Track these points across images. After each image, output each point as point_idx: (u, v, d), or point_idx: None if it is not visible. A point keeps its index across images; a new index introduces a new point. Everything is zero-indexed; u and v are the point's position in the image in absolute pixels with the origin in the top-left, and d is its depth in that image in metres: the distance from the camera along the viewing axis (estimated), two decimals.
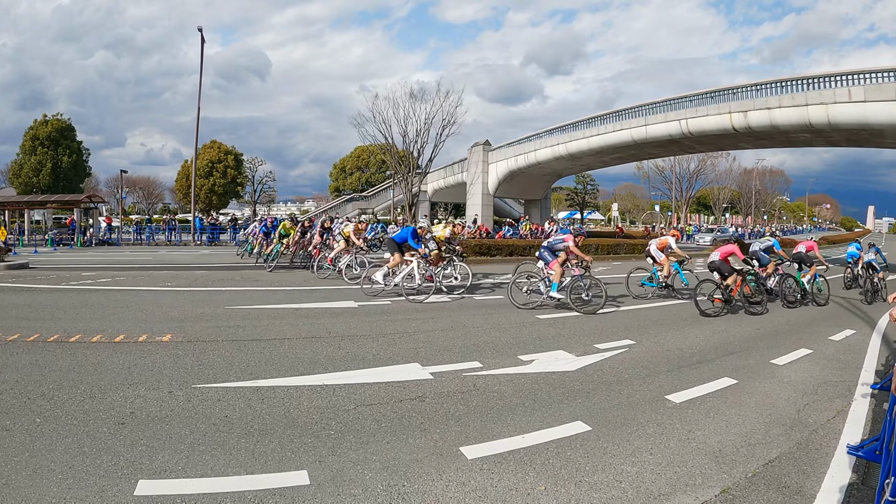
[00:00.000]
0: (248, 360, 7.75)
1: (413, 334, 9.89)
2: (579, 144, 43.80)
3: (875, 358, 9.44)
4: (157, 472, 4.34)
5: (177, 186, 75.92)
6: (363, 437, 5.23)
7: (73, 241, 34.98)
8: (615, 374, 7.78)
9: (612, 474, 4.68)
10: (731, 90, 34.40)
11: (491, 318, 11.73)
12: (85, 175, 66.42)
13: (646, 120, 38.69)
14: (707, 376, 7.79)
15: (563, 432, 5.53)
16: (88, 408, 5.67)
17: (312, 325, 10.27)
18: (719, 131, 35.05)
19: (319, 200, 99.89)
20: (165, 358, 7.68)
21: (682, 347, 9.62)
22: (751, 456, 5.15)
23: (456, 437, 5.30)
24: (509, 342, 9.50)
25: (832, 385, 7.67)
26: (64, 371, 6.89)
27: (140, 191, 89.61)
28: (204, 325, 9.98)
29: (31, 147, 60.06)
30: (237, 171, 72.43)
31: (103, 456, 4.56)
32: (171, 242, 38.23)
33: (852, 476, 4.82)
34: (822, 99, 29.46)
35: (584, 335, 10.28)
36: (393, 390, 6.71)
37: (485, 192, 52.21)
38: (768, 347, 9.86)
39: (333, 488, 4.24)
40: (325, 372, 7.28)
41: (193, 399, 6.09)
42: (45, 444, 4.74)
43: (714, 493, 4.42)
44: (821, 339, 10.76)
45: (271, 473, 4.41)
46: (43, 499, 3.89)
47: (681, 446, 5.32)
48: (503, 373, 7.61)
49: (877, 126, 27.90)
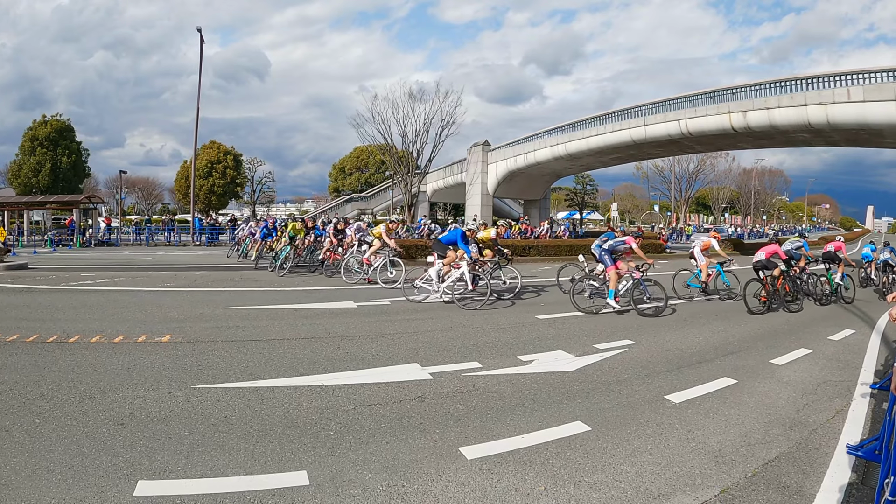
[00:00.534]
0: (247, 360, 7.75)
1: (412, 334, 9.89)
2: (578, 145, 43.83)
3: (875, 357, 9.44)
4: (156, 473, 4.34)
5: (176, 187, 75.85)
6: (363, 437, 5.23)
7: (73, 242, 34.95)
8: (615, 375, 7.78)
9: (611, 474, 4.68)
10: (731, 90, 34.42)
11: (490, 318, 11.72)
12: (84, 175, 66.42)
13: (645, 120, 38.72)
14: (706, 376, 7.79)
15: (563, 432, 5.53)
16: (88, 408, 5.67)
17: (312, 326, 10.27)
18: (718, 131, 35.09)
19: (319, 201, 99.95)
20: (165, 358, 7.68)
21: (681, 347, 9.62)
22: (750, 456, 5.15)
23: (455, 438, 5.30)
24: (509, 342, 9.50)
25: (832, 385, 7.67)
26: (63, 372, 6.89)
27: (139, 191, 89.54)
28: (203, 325, 9.98)
29: (30, 147, 60.04)
30: (236, 172, 72.38)
31: (102, 456, 4.56)
32: (170, 243, 38.22)
33: (852, 476, 4.81)
34: (821, 99, 29.48)
35: (584, 335, 10.27)
36: (392, 391, 6.70)
37: (484, 192, 52.24)
38: (768, 347, 9.86)
39: (333, 489, 4.24)
40: (324, 372, 7.28)
41: (193, 399, 6.09)
42: (44, 444, 4.74)
43: (714, 493, 4.42)
44: (820, 339, 10.75)
45: (271, 474, 4.41)
46: (42, 499, 3.89)
47: (680, 446, 5.32)
48: (503, 373, 7.61)
49: (876, 126, 27.92)
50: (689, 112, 36.09)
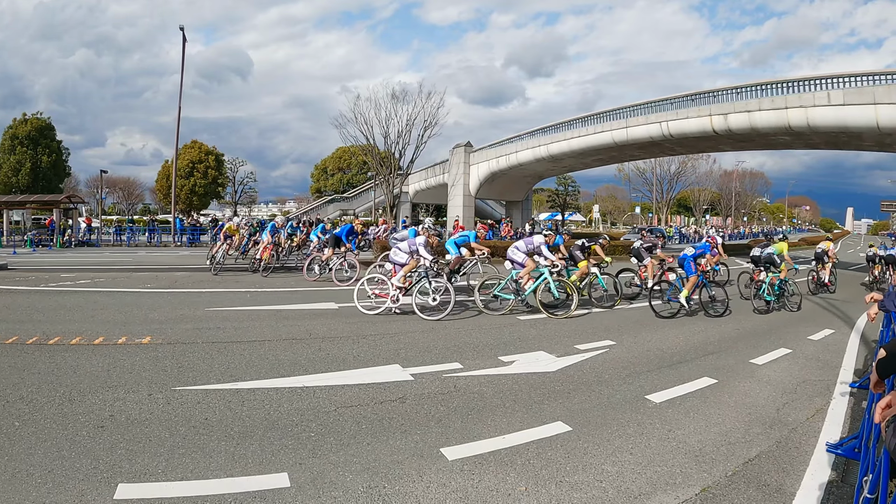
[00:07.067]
0: (228, 362, 7.72)
1: (394, 336, 9.88)
2: (560, 146, 43.86)
3: (854, 357, 9.55)
4: (136, 476, 4.32)
5: (157, 187, 75.19)
6: (344, 438, 5.22)
7: (53, 242, 34.57)
8: (596, 375, 7.82)
9: (592, 474, 4.70)
10: (712, 93, 34.60)
11: (471, 319, 11.73)
12: (64, 175, 65.72)
13: (627, 122, 38.81)
14: (687, 376, 7.85)
15: (544, 433, 5.56)
16: (67, 411, 5.63)
17: (293, 327, 10.24)
18: (700, 133, 35.24)
19: (301, 201, 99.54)
20: (145, 360, 7.63)
21: (662, 348, 9.68)
22: (731, 455, 5.20)
23: (437, 439, 5.31)
24: (490, 343, 9.52)
25: (811, 384, 7.75)
26: (43, 374, 6.83)
27: (120, 191, 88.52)
28: (184, 326, 9.92)
29: (10, 146, 59.30)
30: (218, 172, 71.91)
31: (83, 459, 4.52)
32: (151, 243, 37.91)
33: (832, 474, 4.87)
34: (801, 102, 29.67)
35: (565, 336, 10.31)
36: (373, 392, 6.70)
37: (466, 193, 52.16)
38: (748, 347, 9.95)
39: (314, 490, 4.23)
40: (305, 374, 7.27)
41: (173, 402, 6.05)
42: (23, 447, 4.70)
43: (694, 492, 4.46)
44: (800, 339, 10.86)
45: (252, 476, 4.40)
46: (22, 503, 3.85)
47: (661, 446, 5.36)
48: (484, 374, 7.63)
49: (856, 129, 28.13)
50: (670, 114, 36.21)
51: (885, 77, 26.79)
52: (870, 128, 27.25)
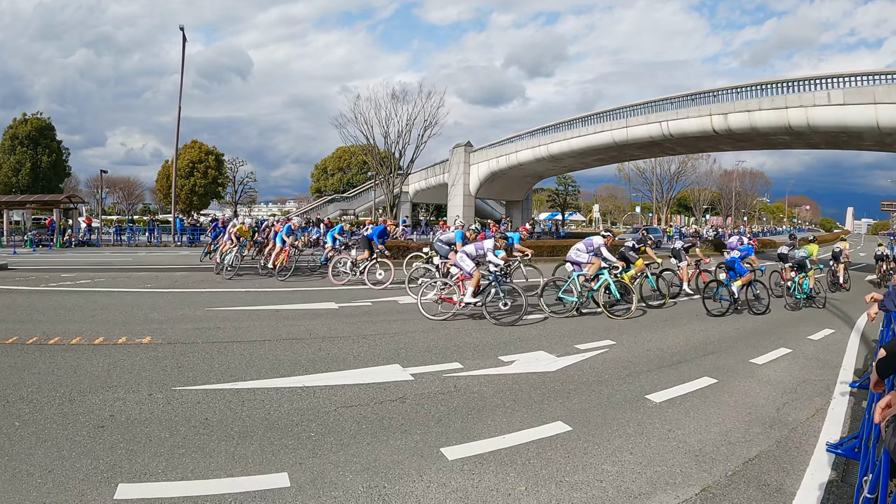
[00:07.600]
0: (228, 362, 7.72)
1: (394, 335, 9.88)
2: (560, 146, 43.82)
3: (854, 356, 9.54)
4: (137, 476, 4.32)
5: (157, 187, 75.10)
6: (344, 438, 5.22)
7: (53, 242, 34.54)
8: (595, 375, 7.82)
9: (592, 474, 4.70)
10: (712, 93, 34.57)
11: (471, 319, 11.72)
12: (65, 175, 65.70)
13: (627, 122, 38.77)
14: (687, 376, 7.85)
15: (544, 432, 5.56)
16: (68, 411, 5.63)
17: (293, 327, 10.24)
18: (700, 133, 35.22)
19: (301, 201, 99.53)
20: (145, 360, 7.63)
21: (662, 347, 9.68)
22: (731, 454, 5.20)
23: (437, 438, 5.31)
24: (490, 343, 9.52)
25: (811, 384, 7.75)
26: (43, 374, 6.83)
27: (120, 191, 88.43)
28: (184, 326, 9.92)
29: (10, 146, 59.28)
30: (218, 172, 71.82)
31: (83, 459, 4.53)
32: (151, 243, 37.89)
33: (832, 473, 4.87)
34: (801, 102, 29.65)
35: (565, 336, 10.31)
36: (374, 392, 6.70)
37: (466, 193, 52.13)
38: (748, 347, 9.94)
39: (314, 490, 4.23)
40: (305, 374, 7.27)
41: (173, 401, 6.05)
42: (24, 447, 4.70)
43: (694, 492, 4.46)
44: (800, 339, 10.85)
45: (252, 476, 4.40)
46: (23, 503, 3.85)
47: (661, 445, 5.36)
48: (484, 373, 7.63)
49: (856, 128, 28.11)
50: (670, 114, 36.18)
51: (885, 77, 26.79)
52: (870, 127, 27.24)
